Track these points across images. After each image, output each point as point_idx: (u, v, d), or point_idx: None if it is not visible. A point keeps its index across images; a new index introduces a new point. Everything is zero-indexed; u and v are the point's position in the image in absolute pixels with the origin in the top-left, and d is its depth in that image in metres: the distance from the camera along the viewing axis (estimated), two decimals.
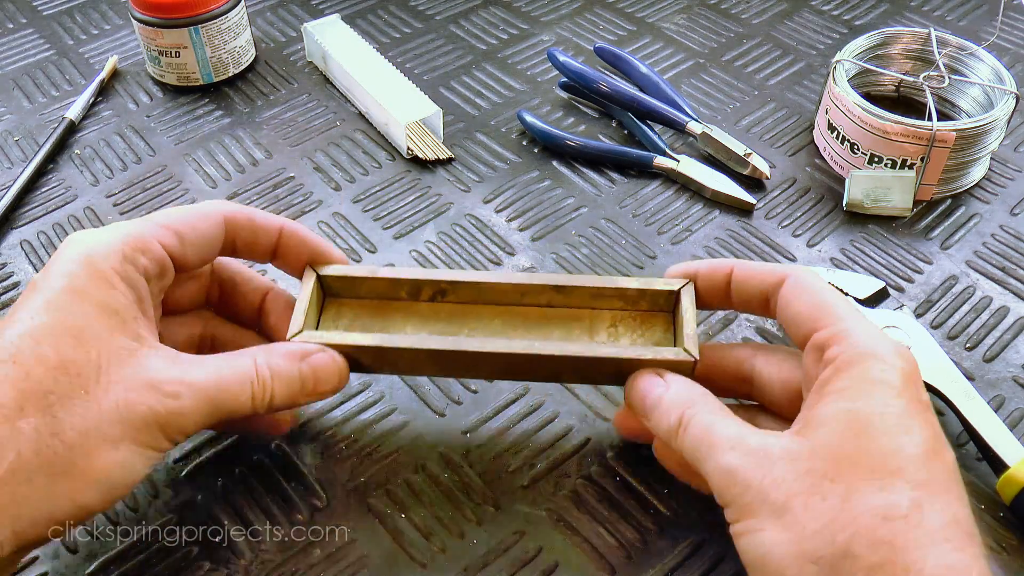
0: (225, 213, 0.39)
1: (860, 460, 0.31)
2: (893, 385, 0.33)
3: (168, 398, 0.34)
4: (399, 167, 0.60)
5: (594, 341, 0.41)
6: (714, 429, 0.34)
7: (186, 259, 0.38)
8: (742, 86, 0.67)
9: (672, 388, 0.37)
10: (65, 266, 0.35)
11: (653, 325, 0.42)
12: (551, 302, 0.42)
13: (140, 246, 0.36)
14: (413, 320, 0.42)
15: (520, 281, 0.42)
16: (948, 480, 0.32)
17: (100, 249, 0.35)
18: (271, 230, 0.41)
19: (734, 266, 0.39)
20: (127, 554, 0.39)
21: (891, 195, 0.55)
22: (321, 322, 0.42)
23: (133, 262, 0.36)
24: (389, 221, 0.56)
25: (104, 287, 0.34)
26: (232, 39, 0.65)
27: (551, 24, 0.73)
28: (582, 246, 0.54)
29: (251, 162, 0.61)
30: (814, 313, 0.36)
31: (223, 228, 0.39)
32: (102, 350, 0.33)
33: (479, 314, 0.42)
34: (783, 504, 0.31)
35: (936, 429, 0.33)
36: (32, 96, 0.66)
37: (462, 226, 0.56)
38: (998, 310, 0.51)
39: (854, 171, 0.56)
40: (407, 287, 0.42)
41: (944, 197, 0.57)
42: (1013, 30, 0.73)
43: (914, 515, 0.30)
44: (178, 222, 0.38)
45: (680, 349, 0.38)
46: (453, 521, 0.41)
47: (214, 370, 0.36)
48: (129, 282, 0.35)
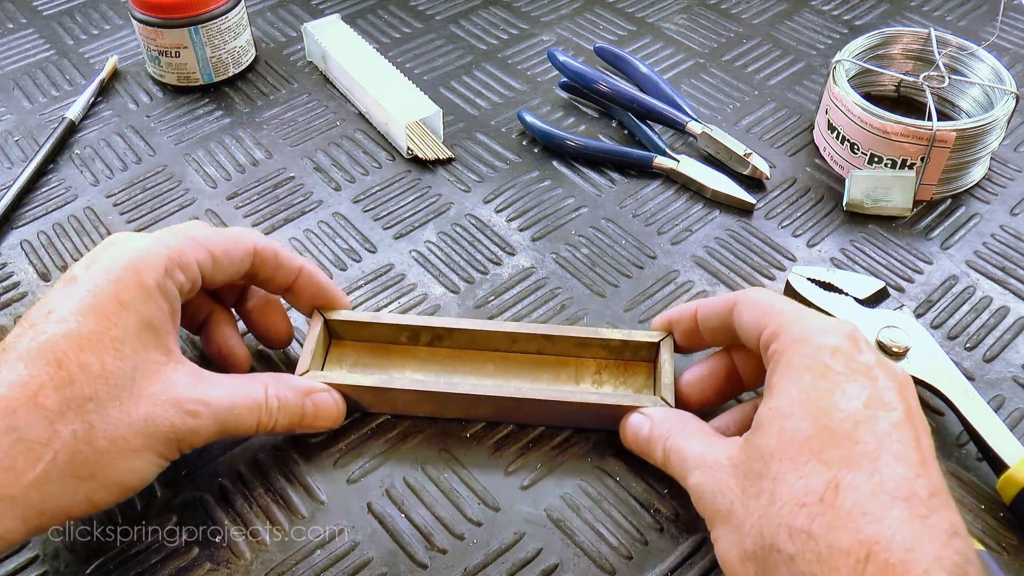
0: (256, 244, 0.41)
1: (784, 451, 0.32)
2: (818, 365, 0.33)
3: (188, 416, 0.36)
4: (399, 167, 0.60)
5: (579, 387, 0.45)
6: (686, 453, 0.37)
7: (213, 280, 0.41)
8: (742, 86, 0.67)
9: (654, 422, 0.40)
10: (111, 271, 0.36)
11: (635, 373, 0.46)
12: (540, 349, 0.46)
13: (181, 263, 0.38)
14: (412, 363, 0.46)
15: (511, 330, 0.45)
16: (877, 446, 0.31)
17: (147, 260, 0.37)
18: (291, 270, 0.43)
19: (697, 306, 0.42)
20: (127, 554, 0.39)
21: (891, 195, 0.55)
22: (327, 363, 0.46)
23: (172, 277, 0.38)
24: (389, 221, 0.56)
25: (147, 301, 0.36)
26: (232, 39, 0.65)
27: (551, 24, 0.73)
28: (582, 246, 0.54)
29: (251, 162, 0.61)
30: (759, 319, 0.37)
31: (251, 258, 0.41)
32: (138, 363, 0.35)
33: (473, 359, 0.46)
34: (728, 509, 0.33)
35: (872, 390, 0.32)
36: (32, 96, 0.66)
37: (462, 226, 0.56)
38: (998, 310, 0.51)
39: (854, 171, 0.56)
40: (407, 332, 0.46)
41: (944, 197, 0.57)
42: (1013, 30, 0.72)
43: (829, 496, 0.30)
44: (215, 246, 0.40)
45: (658, 398, 0.42)
46: (453, 521, 0.41)
47: (229, 394, 0.38)
48: (166, 296, 0.37)
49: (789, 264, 0.53)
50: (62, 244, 0.55)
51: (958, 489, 0.42)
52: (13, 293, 0.52)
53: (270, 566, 0.39)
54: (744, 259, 0.54)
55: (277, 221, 0.56)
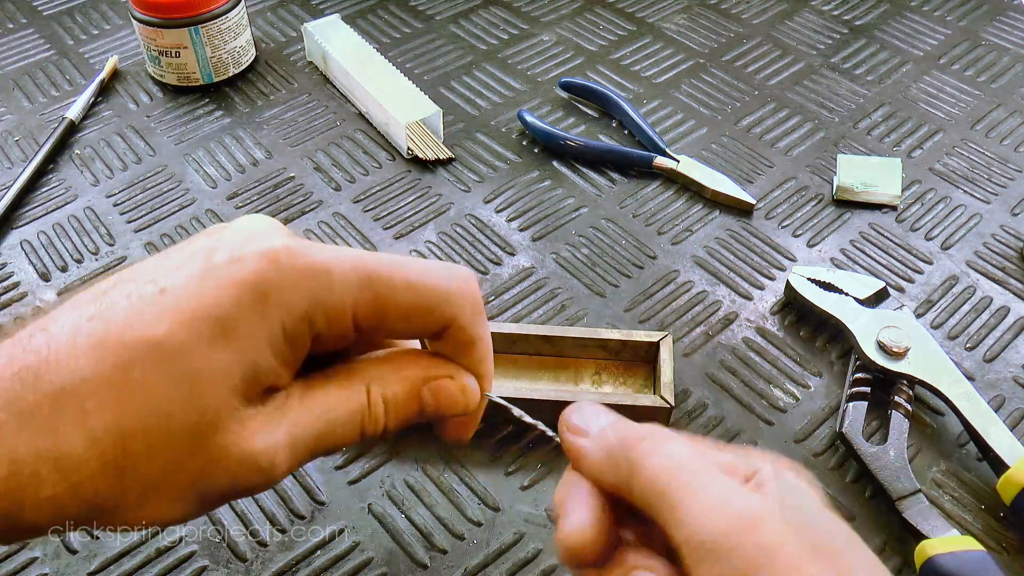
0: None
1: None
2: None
3: (254, 473, 0.27)
4: (399, 167, 0.60)
5: (579, 388, 0.45)
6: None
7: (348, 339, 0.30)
8: (742, 86, 0.67)
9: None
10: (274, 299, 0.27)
11: (635, 374, 0.46)
12: (540, 350, 0.46)
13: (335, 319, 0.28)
14: None
15: (511, 331, 0.45)
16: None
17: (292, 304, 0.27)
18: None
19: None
20: (127, 554, 0.39)
21: (879, 180, 0.56)
22: None
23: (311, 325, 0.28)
24: (389, 221, 0.56)
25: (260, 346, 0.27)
26: (232, 39, 0.65)
27: (551, 24, 0.73)
28: (582, 246, 0.54)
29: (251, 162, 0.61)
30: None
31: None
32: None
33: None
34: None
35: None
36: (32, 96, 0.66)
37: (462, 226, 0.56)
38: (998, 310, 0.51)
39: (841, 156, 0.58)
40: None
41: (944, 196, 0.57)
42: (1013, 30, 0.72)
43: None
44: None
45: (657, 397, 0.42)
46: (453, 521, 0.41)
47: (321, 413, 0.29)
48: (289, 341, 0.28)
49: (789, 264, 0.53)
50: (62, 244, 0.55)
51: (958, 489, 0.42)
52: (13, 293, 0.52)
53: (270, 566, 0.39)
54: (744, 259, 0.54)
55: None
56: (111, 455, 0.25)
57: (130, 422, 0.25)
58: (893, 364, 0.45)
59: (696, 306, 0.51)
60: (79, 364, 0.25)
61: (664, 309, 0.51)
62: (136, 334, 0.25)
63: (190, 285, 0.26)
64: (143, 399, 0.25)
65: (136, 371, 0.25)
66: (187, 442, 0.26)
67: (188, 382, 0.26)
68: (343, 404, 0.30)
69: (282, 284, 0.27)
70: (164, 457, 0.26)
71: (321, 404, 0.29)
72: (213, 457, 0.26)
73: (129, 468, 0.26)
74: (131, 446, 0.25)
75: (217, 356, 0.26)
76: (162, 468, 0.26)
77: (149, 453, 0.26)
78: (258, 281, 0.27)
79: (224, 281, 0.26)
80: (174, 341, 0.25)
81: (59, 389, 0.25)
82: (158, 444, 0.26)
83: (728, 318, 0.50)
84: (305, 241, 0.29)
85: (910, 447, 0.44)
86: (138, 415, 0.25)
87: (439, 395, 0.31)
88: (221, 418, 0.26)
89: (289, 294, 0.27)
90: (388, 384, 0.31)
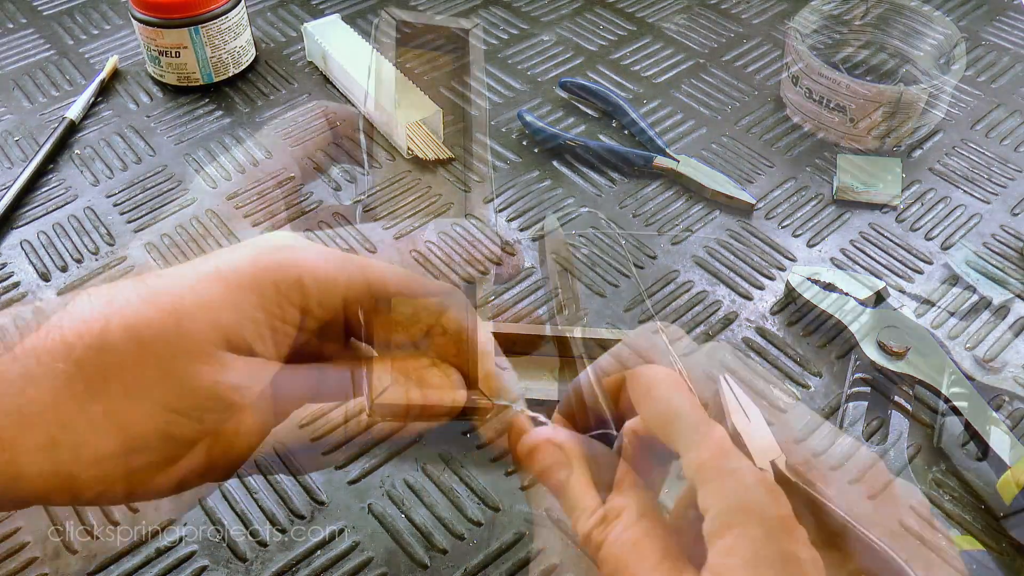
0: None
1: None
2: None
3: (224, 408, 0.29)
4: (399, 167, 0.60)
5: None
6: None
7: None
8: (742, 86, 0.67)
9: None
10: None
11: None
12: (540, 351, 0.46)
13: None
14: None
15: (511, 331, 0.46)
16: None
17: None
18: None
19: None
20: (127, 554, 0.39)
21: (879, 180, 0.56)
22: None
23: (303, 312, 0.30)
24: (389, 221, 0.56)
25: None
26: (232, 39, 0.65)
27: (551, 24, 0.73)
28: (582, 246, 0.54)
29: (251, 162, 0.61)
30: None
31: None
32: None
33: None
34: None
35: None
36: (32, 96, 0.66)
37: (462, 226, 0.56)
38: (998, 310, 0.51)
39: (841, 156, 0.57)
40: None
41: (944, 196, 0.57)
42: (1013, 30, 0.72)
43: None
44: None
45: None
46: (453, 521, 0.41)
47: (306, 375, 0.31)
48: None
49: (789, 264, 0.53)
50: (62, 244, 0.55)
51: (958, 489, 0.42)
52: (13, 293, 0.52)
53: (270, 566, 0.39)
54: (744, 259, 0.54)
55: (278, 221, 0.56)
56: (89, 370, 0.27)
57: (113, 337, 0.27)
58: (893, 364, 0.45)
59: (696, 306, 0.51)
60: (80, 307, 0.28)
61: (664, 310, 0.51)
62: (133, 282, 0.28)
63: (189, 266, 0.29)
64: (129, 312, 0.27)
65: (121, 299, 0.28)
66: (164, 360, 0.27)
67: (175, 314, 0.28)
68: (331, 373, 0.31)
69: (278, 249, 0.29)
70: (137, 370, 0.27)
71: (306, 372, 0.31)
72: (184, 377, 0.27)
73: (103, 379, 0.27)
74: (109, 359, 0.27)
75: (206, 298, 0.28)
76: (136, 379, 0.27)
77: (122, 363, 0.27)
78: (257, 253, 0.29)
79: (225, 255, 0.29)
80: (162, 282, 0.28)
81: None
82: (134, 353, 0.27)
83: (728, 318, 0.50)
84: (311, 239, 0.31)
85: (910, 447, 0.44)
86: (122, 324, 0.27)
87: (425, 383, 0.32)
88: (201, 348, 0.28)
89: (283, 256, 0.29)
90: (378, 371, 0.31)
